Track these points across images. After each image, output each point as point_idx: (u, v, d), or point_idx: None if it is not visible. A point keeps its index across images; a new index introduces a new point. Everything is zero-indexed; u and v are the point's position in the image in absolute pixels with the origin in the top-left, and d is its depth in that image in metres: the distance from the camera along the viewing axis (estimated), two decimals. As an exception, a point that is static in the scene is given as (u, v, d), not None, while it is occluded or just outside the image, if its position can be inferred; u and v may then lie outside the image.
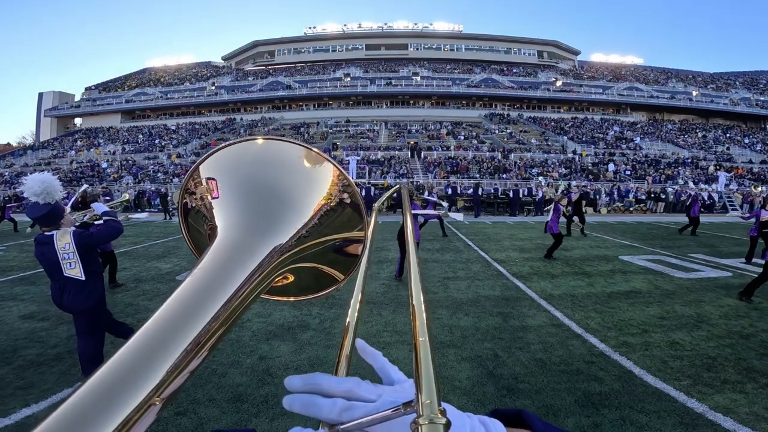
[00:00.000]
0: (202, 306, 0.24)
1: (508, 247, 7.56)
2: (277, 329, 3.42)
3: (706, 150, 29.32)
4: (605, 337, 3.35)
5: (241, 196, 0.34)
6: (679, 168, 23.75)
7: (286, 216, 0.33)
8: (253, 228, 0.31)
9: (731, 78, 46.58)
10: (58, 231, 2.32)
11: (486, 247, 7.60)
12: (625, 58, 48.42)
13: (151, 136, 34.59)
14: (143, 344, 0.21)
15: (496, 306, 4.01)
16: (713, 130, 35.71)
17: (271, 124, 35.09)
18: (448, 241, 8.37)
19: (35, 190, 2.20)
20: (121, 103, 41.85)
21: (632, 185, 17.10)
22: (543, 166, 22.44)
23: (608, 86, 39.46)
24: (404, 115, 35.85)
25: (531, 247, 7.58)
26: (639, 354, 3.04)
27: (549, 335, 3.35)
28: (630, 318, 3.78)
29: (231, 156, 0.35)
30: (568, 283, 4.90)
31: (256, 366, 2.79)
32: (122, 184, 22.18)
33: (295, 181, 0.35)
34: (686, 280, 5.23)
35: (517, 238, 8.85)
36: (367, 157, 23.64)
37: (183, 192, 0.36)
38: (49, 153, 33.54)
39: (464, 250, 7.23)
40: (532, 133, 31.03)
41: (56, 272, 2.30)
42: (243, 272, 0.28)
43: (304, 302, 0.50)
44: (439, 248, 7.45)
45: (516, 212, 14.03)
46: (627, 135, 31.20)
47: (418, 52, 46.06)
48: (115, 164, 26.65)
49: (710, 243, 8.57)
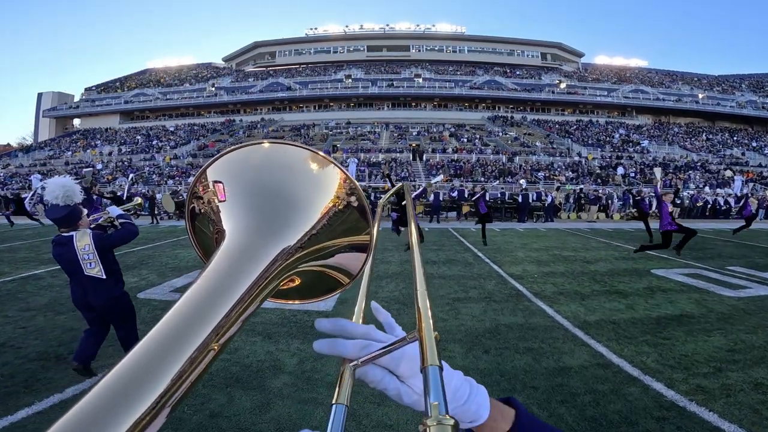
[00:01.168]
0: (212, 309, 0.24)
1: (523, 259, 6.76)
2: (241, 371, 2.65)
3: (714, 153, 28.56)
4: (671, 380, 2.58)
5: (248, 200, 0.34)
6: (689, 172, 22.98)
7: (294, 219, 0.33)
8: (261, 230, 0.32)
9: (736, 80, 45.86)
10: (77, 232, 2.39)
11: (498, 259, 6.80)
12: (630, 61, 47.76)
13: (149, 138, 34.00)
14: (152, 348, 0.21)
15: (521, 338, 3.22)
16: (720, 133, 34.99)
17: (271, 126, 34.49)
18: (455, 252, 7.58)
19: (56, 193, 2.30)
20: (120, 104, 41.39)
21: (645, 190, 16.32)
22: (549, 170, 21.70)
23: (613, 88, 38.79)
24: (406, 117, 35.17)
25: (548, 259, 6.78)
26: (721, 402, 2.31)
27: (597, 380, 2.58)
28: (693, 352, 3.01)
29: (238, 159, 0.35)
30: (603, 306, 4.11)
31: (203, 427, 2.03)
32: (115, 185, 21.49)
33: (301, 185, 0.35)
34: (737, 300, 4.46)
35: (532, 248, 8.05)
36: (368, 159, 22.94)
37: (191, 196, 0.36)
38: (45, 154, 33.01)
39: (474, 263, 6.45)
40: (537, 136, 30.33)
41: (76, 272, 2.36)
42: (252, 274, 0.28)
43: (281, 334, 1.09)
44: (446, 260, 6.66)
45: (525, 218, 13.16)
46: (633, 138, 30.47)
47: (420, 53, 45.51)
48: (111, 165, 26.04)
49: (742, 253, 7.78)
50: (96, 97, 43.57)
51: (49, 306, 4.07)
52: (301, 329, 3.32)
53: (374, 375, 0.32)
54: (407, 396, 0.32)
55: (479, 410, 0.33)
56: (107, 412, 0.17)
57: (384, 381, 0.32)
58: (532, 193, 13.09)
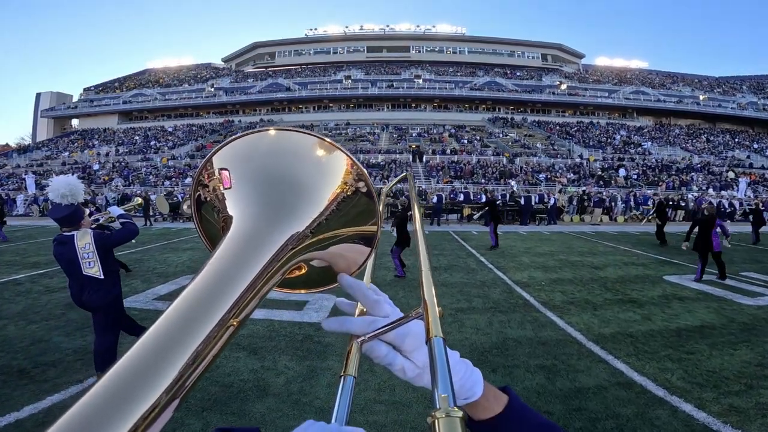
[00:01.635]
0: (220, 296, 0.24)
1: (528, 265, 6.47)
2: (221, 392, 2.38)
3: (716, 155, 28.33)
4: (701, 400, 2.33)
5: (255, 187, 0.33)
6: (692, 173, 22.73)
7: (302, 205, 0.33)
8: (268, 217, 0.31)
9: (737, 82, 45.72)
10: (78, 231, 2.37)
11: (502, 264, 6.51)
12: (630, 62, 47.60)
13: (147, 138, 33.72)
14: (158, 339, 0.20)
15: (532, 355, 2.95)
16: (721, 135, 34.78)
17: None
18: (456, 257, 7.30)
19: (61, 191, 2.28)
20: (118, 104, 41.12)
21: (649, 192, 16.02)
22: (550, 171, 21.43)
23: (614, 90, 38.60)
24: (406, 119, 34.93)
25: (555, 265, 6.50)
26: (758, 423, 2.09)
27: (618, 402, 2.32)
28: (721, 367, 2.75)
29: (244, 146, 0.35)
30: (618, 317, 3.84)
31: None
32: (111, 186, 21.20)
33: (308, 171, 0.35)
34: (757, 308, 4.20)
35: (536, 253, 7.77)
36: (367, 160, 22.69)
37: (196, 184, 0.36)
38: (42, 154, 32.71)
39: (477, 269, 6.17)
40: (537, 138, 30.09)
41: (75, 271, 2.35)
42: (260, 261, 0.27)
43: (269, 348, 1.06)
44: (447, 266, 6.38)
45: (527, 221, 12.79)
46: (635, 140, 30.24)
47: (420, 54, 45.32)
48: (108, 166, 25.74)
49: (755, 258, 7.52)
50: (94, 98, 43.32)
51: (22, 314, 3.81)
52: (290, 343, 3.05)
53: (380, 350, 0.34)
54: (410, 370, 0.34)
55: (474, 387, 0.35)
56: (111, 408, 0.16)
57: (389, 356, 0.34)
58: (534, 195, 12.70)
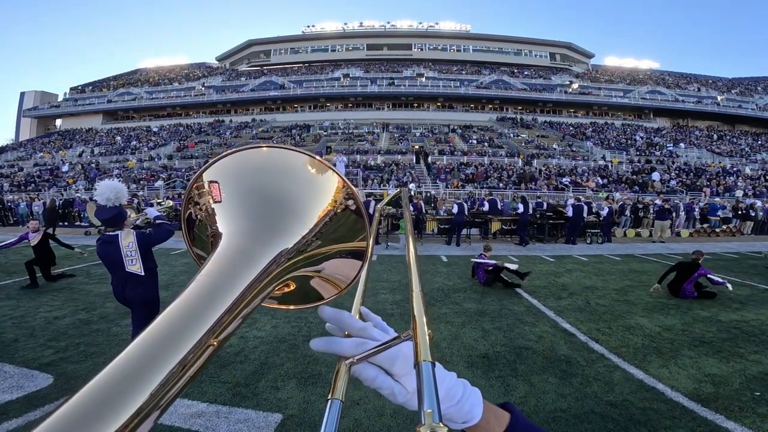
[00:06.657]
0: (206, 311, 0.24)
1: (618, 314, 3.86)
2: None
3: (744, 158, 25.88)
4: None
5: (244, 203, 0.34)
6: (728, 177, 20.23)
7: (290, 222, 0.33)
8: (257, 234, 0.31)
9: (751, 83, 43.52)
10: (122, 231, 2.53)
11: (574, 317, 3.90)
12: (641, 62, 45.44)
13: (129, 139, 31.21)
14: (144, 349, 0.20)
15: None
16: (743, 137, 32.42)
17: (261, 127, 31.72)
18: (501, 306, 4.67)
19: (107, 195, 2.46)
20: (103, 103, 38.70)
21: (718, 200, 13.42)
22: (573, 175, 18.92)
23: (629, 89, 36.29)
24: (408, 118, 32.43)
25: (676, 329, 3.83)
26: None
27: None
28: None
29: (235, 163, 0.35)
30: None
31: None
32: (73, 188, 18.54)
33: (299, 189, 0.35)
34: None
35: (613, 290, 5.13)
36: (365, 161, 20.16)
37: (187, 201, 0.36)
38: (15, 155, 30.21)
39: (533, 320, 3.62)
40: (552, 138, 27.65)
41: (118, 269, 2.48)
42: (247, 277, 0.27)
43: None
44: (494, 315, 3.70)
45: (575, 239, 9.50)
46: (657, 141, 27.81)
47: (422, 52, 43.05)
48: (77, 168, 23.17)
49: None
50: (79, 97, 40.94)
51: None
52: None
53: (368, 373, 0.33)
54: (401, 395, 0.33)
55: (472, 410, 0.34)
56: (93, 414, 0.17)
57: (378, 380, 0.33)
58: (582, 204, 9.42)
